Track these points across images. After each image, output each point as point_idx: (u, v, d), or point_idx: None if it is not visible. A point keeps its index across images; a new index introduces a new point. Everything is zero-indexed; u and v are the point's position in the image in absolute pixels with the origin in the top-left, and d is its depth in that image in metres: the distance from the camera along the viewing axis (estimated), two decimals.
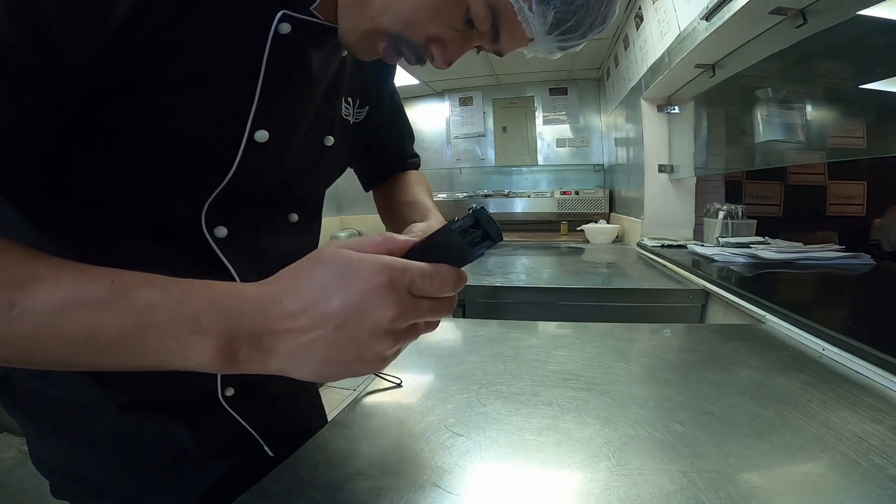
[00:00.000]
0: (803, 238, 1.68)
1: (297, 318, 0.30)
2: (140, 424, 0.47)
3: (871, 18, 1.00)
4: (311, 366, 0.31)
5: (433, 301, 0.33)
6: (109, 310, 0.29)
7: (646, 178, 2.15)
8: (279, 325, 0.31)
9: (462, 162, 3.69)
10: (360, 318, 0.31)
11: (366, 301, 0.30)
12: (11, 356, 0.29)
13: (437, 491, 0.40)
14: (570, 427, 0.51)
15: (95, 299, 0.29)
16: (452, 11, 0.41)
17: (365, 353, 0.32)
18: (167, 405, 0.48)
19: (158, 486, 0.48)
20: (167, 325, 0.30)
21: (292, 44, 0.44)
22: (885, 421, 0.51)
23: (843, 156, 1.42)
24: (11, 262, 0.29)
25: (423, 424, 0.53)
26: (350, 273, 0.31)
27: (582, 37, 0.43)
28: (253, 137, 0.44)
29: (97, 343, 0.29)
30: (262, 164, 0.46)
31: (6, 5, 0.30)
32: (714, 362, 0.71)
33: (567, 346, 0.78)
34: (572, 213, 3.17)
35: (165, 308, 0.30)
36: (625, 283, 1.43)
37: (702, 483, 0.40)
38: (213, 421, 0.50)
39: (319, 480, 0.42)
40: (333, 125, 0.55)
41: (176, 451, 0.48)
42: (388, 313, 0.31)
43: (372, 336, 0.31)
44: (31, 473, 0.50)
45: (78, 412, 0.47)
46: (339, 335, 0.31)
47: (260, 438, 0.53)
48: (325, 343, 0.31)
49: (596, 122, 3.38)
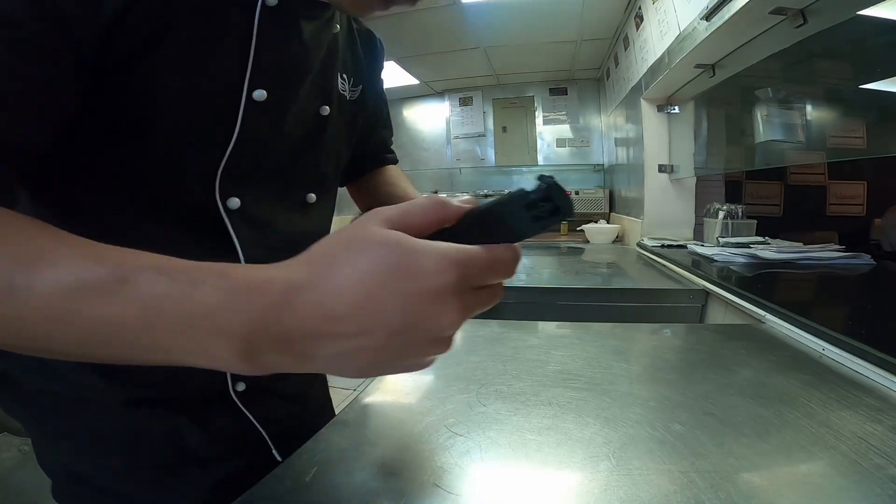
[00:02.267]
0: (803, 238, 1.68)
1: (342, 322, 0.25)
2: (145, 422, 0.46)
3: (871, 18, 1.00)
4: (355, 368, 0.28)
5: (491, 290, 0.29)
6: (116, 298, 0.25)
7: (646, 178, 2.15)
8: (318, 327, 0.26)
9: (462, 162, 3.69)
10: (420, 325, 0.26)
11: (428, 306, 0.26)
12: (13, 341, 0.27)
13: (437, 491, 0.40)
14: (570, 427, 0.51)
15: (100, 285, 0.25)
16: None
17: (420, 360, 0.29)
18: (174, 401, 0.47)
19: (162, 487, 0.47)
20: (178, 320, 0.25)
21: (282, 14, 0.45)
22: (885, 421, 0.51)
23: (843, 156, 1.42)
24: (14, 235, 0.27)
25: (423, 424, 0.53)
26: (408, 269, 0.25)
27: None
28: (251, 96, 0.44)
29: (103, 334, 0.26)
30: (264, 125, 0.46)
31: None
32: (714, 362, 0.71)
33: (567, 346, 0.78)
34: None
35: (175, 299, 0.25)
36: (625, 283, 1.43)
37: (702, 483, 0.40)
38: (222, 418, 0.49)
39: (319, 480, 0.42)
40: (330, 97, 0.56)
41: (181, 450, 0.47)
42: (453, 319, 0.27)
43: (431, 343, 0.28)
44: (31, 473, 0.50)
45: (81, 409, 0.46)
46: (392, 342, 0.26)
47: (269, 439, 0.52)
48: (375, 349, 0.26)
49: (596, 122, 3.38)
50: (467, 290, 0.27)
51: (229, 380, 0.49)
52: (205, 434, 0.48)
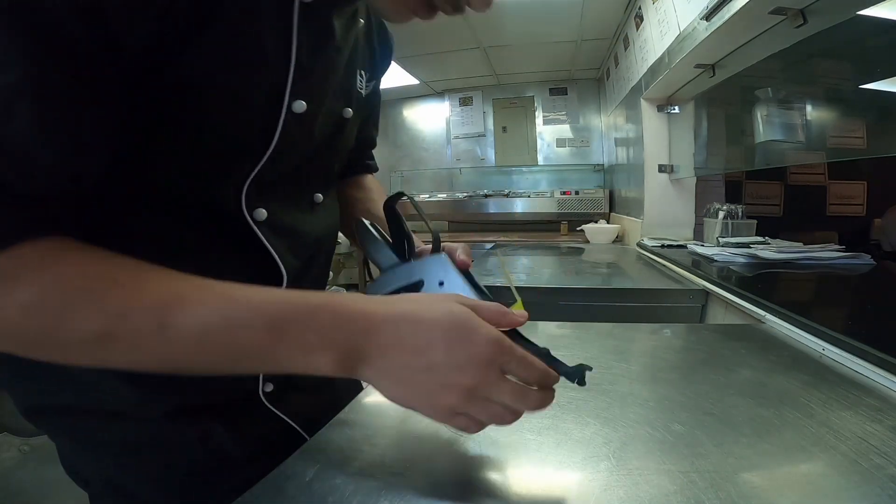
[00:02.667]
0: (803, 238, 1.68)
1: (404, 349, 0.34)
2: (179, 429, 0.47)
3: (871, 18, 1.00)
4: (388, 385, 0.36)
5: (518, 388, 0.36)
6: (250, 328, 0.32)
7: (646, 178, 2.15)
8: (387, 348, 0.34)
9: (462, 162, 3.69)
10: (446, 372, 0.34)
11: (461, 362, 0.34)
12: (164, 367, 0.33)
13: (437, 491, 0.40)
14: (570, 427, 0.51)
15: (238, 319, 0.32)
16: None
17: (435, 400, 0.35)
18: (207, 407, 0.48)
19: (198, 491, 0.48)
20: (297, 339, 0.33)
21: (317, 11, 0.43)
22: (885, 421, 0.51)
23: (843, 156, 1.42)
24: (154, 281, 0.32)
25: (423, 424, 0.53)
26: (465, 334, 0.34)
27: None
28: (291, 108, 0.43)
29: (236, 356, 0.33)
30: (298, 135, 0.45)
31: None
32: (714, 362, 0.71)
33: (567, 346, 0.78)
34: (572, 213, 3.17)
35: (297, 323, 0.33)
36: (625, 283, 1.43)
37: (702, 483, 0.40)
38: (253, 419, 0.51)
39: (319, 480, 0.42)
40: (352, 96, 0.55)
41: (216, 453, 0.48)
42: (473, 381, 0.34)
43: (446, 389, 0.34)
44: (31, 473, 0.50)
45: (115, 422, 0.47)
46: (423, 376, 0.34)
47: (300, 429, 0.53)
48: (410, 374, 0.35)
49: (596, 122, 3.38)
50: (494, 368, 0.35)
51: (260, 382, 0.51)
52: (237, 436, 0.49)
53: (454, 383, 0.34)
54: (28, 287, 0.29)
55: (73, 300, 0.29)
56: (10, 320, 0.29)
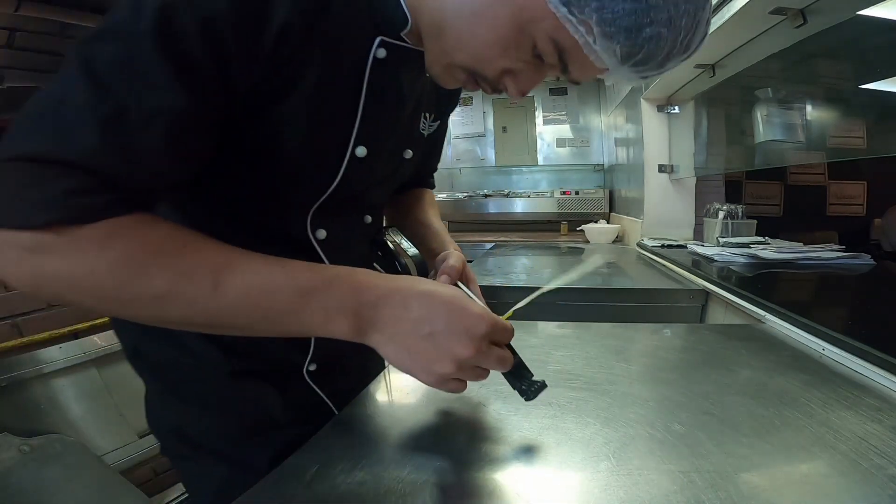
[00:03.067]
0: (803, 238, 1.68)
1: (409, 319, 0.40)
2: (242, 390, 0.56)
3: (871, 18, 1.00)
4: (393, 349, 0.41)
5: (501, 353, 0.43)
6: (283, 293, 0.38)
7: (646, 178, 2.15)
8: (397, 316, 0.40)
9: (462, 162, 3.69)
10: (446, 342, 0.40)
11: (460, 334, 0.40)
12: (212, 323, 0.38)
13: (437, 491, 0.40)
14: (570, 427, 0.51)
15: (274, 284, 0.38)
16: (520, 47, 0.42)
17: (432, 365, 0.40)
18: (264, 374, 0.57)
19: (250, 445, 0.56)
20: (319, 305, 0.39)
21: (387, 67, 0.48)
22: (885, 421, 0.51)
23: (843, 156, 1.42)
24: (211, 250, 0.37)
25: (423, 424, 0.53)
26: (463, 309, 0.41)
27: (659, 67, 0.41)
28: (354, 153, 0.50)
29: (271, 315, 0.38)
30: (358, 176, 0.52)
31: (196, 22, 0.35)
32: (714, 362, 0.71)
33: (567, 346, 0.78)
34: (572, 213, 3.16)
35: (319, 292, 0.39)
36: (625, 283, 1.43)
37: (702, 483, 0.40)
38: (297, 391, 0.59)
39: (320, 479, 0.42)
40: (413, 139, 0.61)
41: (265, 415, 0.57)
42: (467, 352, 0.40)
43: (444, 357, 0.40)
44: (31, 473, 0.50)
45: (195, 376, 0.56)
46: (424, 343, 0.40)
47: (334, 407, 0.62)
48: (413, 340, 0.40)
49: (596, 122, 3.37)
50: (486, 342, 0.41)
51: (306, 361, 0.59)
52: (284, 401, 0.58)
53: (452, 352, 0.40)
54: (117, 248, 0.34)
55: (148, 261, 0.35)
56: (97, 275, 0.34)
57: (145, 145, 0.35)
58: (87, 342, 1.64)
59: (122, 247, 0.34)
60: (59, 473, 1.33)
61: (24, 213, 0.32)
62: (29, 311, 1.55)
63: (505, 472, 0.43)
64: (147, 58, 0.34)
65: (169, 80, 0.35)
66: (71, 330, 1.62)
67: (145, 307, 0.36)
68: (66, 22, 1.66)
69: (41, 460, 1.31)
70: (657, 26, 0.37)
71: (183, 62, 0.35)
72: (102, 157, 0.33)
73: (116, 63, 0.34)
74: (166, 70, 0.34)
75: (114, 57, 0.34)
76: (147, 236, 0.35)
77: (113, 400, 1.65)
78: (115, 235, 0.34)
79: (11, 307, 1.51)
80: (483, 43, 0.42)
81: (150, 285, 0.34)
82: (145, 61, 0.34)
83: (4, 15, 1.53)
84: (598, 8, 0.36)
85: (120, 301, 0.35)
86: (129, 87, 0.34)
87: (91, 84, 0.33)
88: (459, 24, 0.42)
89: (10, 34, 1.54)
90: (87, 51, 0.34)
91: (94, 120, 0.33)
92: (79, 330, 1.64)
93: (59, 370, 1.55)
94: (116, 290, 0.34)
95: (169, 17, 0.34)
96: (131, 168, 0.35)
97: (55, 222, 0.32)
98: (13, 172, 0.32)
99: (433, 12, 0.44)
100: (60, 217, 0.32)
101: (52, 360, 1.54)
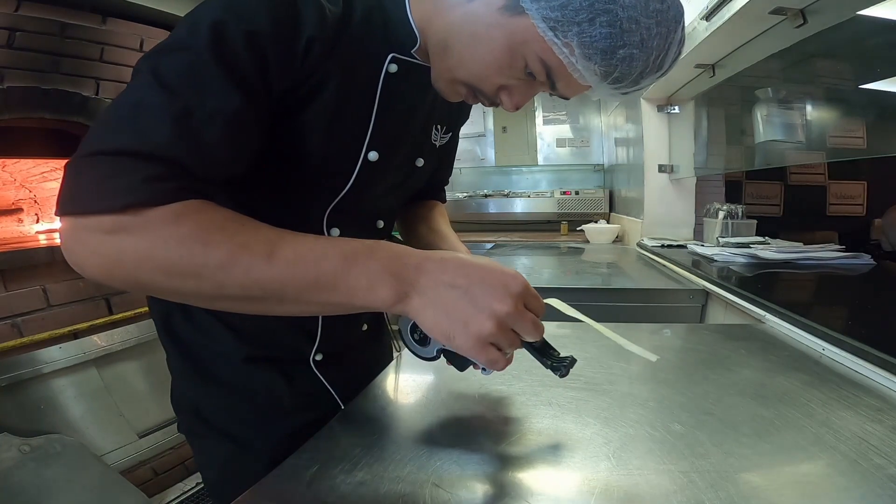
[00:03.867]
0: (803, 238, 1.68)
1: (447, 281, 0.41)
2: (253, 375, 0.60)
3: (871, 18, 1.00)
4: (432, 313, 0.41)
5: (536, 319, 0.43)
6: (329, 259, 0.40)
7: (646, 178, 2.15)
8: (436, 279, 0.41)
9: (462, 162, 3.68)
10: (483, 297, 0.40)
11: (497, 289, 0.41)
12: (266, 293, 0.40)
13: (436, 491, 0.40)
14: (570, 427, 0.51)
15: (322, 251, 0.40)
16: (513, 66, 0.47)
17: (472, 326, 0.40)
18: (274, 361, 0.61)
19: (255, 427, 0.61)
20: (363, 268, 0.40)
21: (398, 80, 0.54)
22: (885, 421, 0.51)
23: (843, 156, 1.42)
24: (266, 228, 0.41)
25: (423, 424, 0.53)
26: (499, 271, 0.42)
27: (634, 84, 0.46)
28: (367, 157, 0.54)
29: (320, 281, 0.40)
30: (370, 179, 0.57)
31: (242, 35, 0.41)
32: (714, 362, 0.71)
33: (567, 346, 0.78)
34: (572, 213, 3.16)
35: (362, 256, 0.41)
36: (625, 283, 1.43)
37: (702, 483, 0.40)
38: (303, 380, 0.63)
39: (320, 479, 0.42)
40: (424, 149, 0.66)
41: (274, 401, 0.61)
42: (505, 308, 0.40)
43: (482, 313, 0.40)
44: (31, 473, 0.50)
45: (214, 359, 0.60)
46: (462, 301, 0.40)
47: (338, 397, 0.65)
48: (452, 301, 0.40)
49: (596, 122, 3.37)
50: (520, 302, 0.41)
51: (313, 351, 0.63)
52: (291, 390, 0.62)
53: (490, 308, 0.40)
54: (187, 224, 0.38)
55: (212, 235, 0.39)
56: (169, 247, 0.37)
57: (209, 139, 0.40)
58: (87, 342, 1.64)
59: (190, 223, 0.38)
60: (59, 473, 1.33)
61: (106, 199, 0.36)
62: (29, 311, 1.55)
63: (505, 472, 0.43)
64: (205, 66, 0.40)
65: (224, 84, 0.40)
66: (71, 330, 1.61)
67: (209, 277, 0.38)
68: (66, 22, 1.66)
69: (41, 460, 1.31)
70: (630, 48, 0.42)
71: (234, 68, 0.41)
72: (175, 149, 0.38)
73: (182, 71, 0.40)
74: (221, 75, 0.40)
75: (179, 66, 0.40)
76: (211, 216, 0.40)
77: (113, 400, 1.65)
78: (184, 215, 0.38)
79: (11, 307, 1.51)
80: (481, 62, 0.48)
81: (215, 255, 0.38)
82: (204, 69, 0.40)
83: (4, 15, 1.53)
84: (578, 32, 0.42)
85: (188, 272, 0.38)
86: (194, 91, 0.40)
87: (162, 89, 0.39)
88: (461, 44, 0.48)
89: (10, 34, 1.54)
90: (155, 62, 0.40)
91: (167, 118, 0.38)
92: (79, 330, 1.64)
93: (59, 370, 1.55)
94: (185, 260, 0.38)
95: (220, 31, 0.40)
96: (198, 158, 0.40)
97: (134, 205, 0.36)
98: (97, 165, 0.37)
99: (439, 33, 0.50)
100: (139, 199, 0.36)
101: (52, 360, 1.54)
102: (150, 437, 1.70)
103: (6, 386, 1.43)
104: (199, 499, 1.74)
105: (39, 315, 1.57)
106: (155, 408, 1.73)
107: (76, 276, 1.65)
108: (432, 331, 0.42)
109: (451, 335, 0.41)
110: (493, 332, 0.40)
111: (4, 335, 1.48)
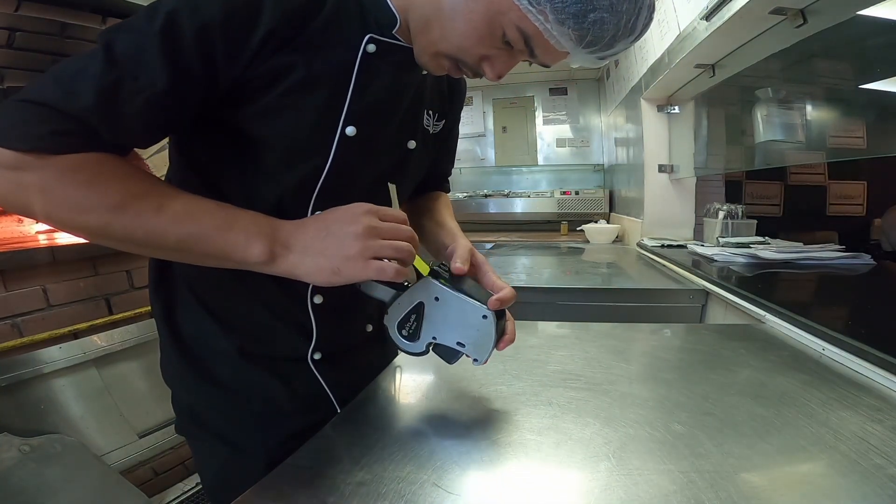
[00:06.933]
0: (803, 238, 1.68)
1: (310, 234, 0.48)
2: (250, 375, 0.60)
3: (871, 18, 1.00)
4: (309, 262, 0.48)
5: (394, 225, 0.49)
6: (213, 215, 0.47)
7: (646, 178, 2.15)
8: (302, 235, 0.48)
9: (462, 162, 3.68)
10: (340, 227, 0.48)
11: (347, 218, 0.48)
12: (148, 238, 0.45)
13: (437, 491, 0.40)
14: (570, 427, 0.51)
15: (207, 209, 0.47)
16: (492, 36, 0.50)
17: (345, 251, 0.47)
18: (272, 360, 0.61)
19: (252, 431, 0.61)
20: (242, 226, 0.47)
21: (378, 59, 0.55)
22: (885, 421, 0.51)
23: (843, 156, 1.42)
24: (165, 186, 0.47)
25: (423, 424, 0.53)
26: (346, 208, 0.49)
27: (609, 47, 0.48)
28: (345, 132, 0.55)
29: (200, 232, 0.46)
30: (353, 156, 0.57)
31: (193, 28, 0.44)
32: (714, 362, 0.71)
33: (567, 346, 0.78)
34: (572, 213, 3.16)
35: (243, 217, 0.48)
36: (625, 283, 1.43)
37: (702, 483, 0.40)
38: (301, 381, 0.63)
39: (320, 479, 0.42)
40: (416, 132, 0.66)
41: (271, 403, 0.61)
42: (360, 226, 0.47)
43: (346, 239, 0.47)
44: (31, 473, 0.50)
45: (212, 358, 0.60)
46: (326, 241, 0.47)
47: (335, 400, 0.64)
48: (319, 244, 0.48)
49: (596, 122, 3.38)
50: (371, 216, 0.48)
51: (311, 347, 0.62)
52: (288, 391, 0.61)
53: (349, 233, 0.47)
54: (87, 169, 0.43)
55: (110, 180, 0.44)
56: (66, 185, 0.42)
57: (127, 110, 0.44)
58: (87, 342, 1.64)
59: (88, 171, 0.43)
60: (59, 473, 1.32)
61: (12, 139, 0.41)
62: (29, 311, 1.55)
63: (505, 472, 0.43)
64: (150, 48, 0.43)
65: (160, 67, 0.44)
66: (71, 330, 1.61)
67: (101, 216, 0.43)
68: (66, 22, 1.66)
69: (41, 460, 1.31)
70: (600, 12, 0.44)
71: (175, 57, 0.44)
72: (91, 114, 0.42)
73: (128, 49, 0.43)
74: (161, 58, 0.43)
75: (128, 44, 0.43)
76: (111, 167, 0.44)
77: (113, 400, 1.65)
78: (86, 161, 0.43)
79: (11, 307, 1.51)
80: (462, 34, 0.50)
81: (109, 196, 0.43)
82: (148, 50, 0.43)
83: (4, 15, 1.53)
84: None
85: (81, 207, 0.43)
86: (131, 67, 0.43)
87: (105, 62, 0.42)
88: (442, 19, 0.50)
89: (10, 34, 1.54)
90: (113, 37, 0.44)
91: (96, 87, 0.42)
92: (79, 330, 1.63)
93: (59, 370, 1.55)
94: (80, 198, 0.43)
95: (174, 20, 0.44)
96: (110, 125, 0.44)
97: (37, 149, 0.41)
98: (21, 109, 0.42)
99: (420, 9, 0.52)
100: (41, 146, 0.41)
101: (52, 360, 1.53)
102: (150, 437, 1.70)
103: (6, 386, 1.43)
104: (199, 499, 1.74)
105: (39, 315, 1.57)
106: (155, 408, 1.73)
107: (76, 276, 1.66)
108: (316, 277, 0.47)
109: (335, 270, 0.47)
110: (362, 247, 0.46)
111: (4, 335, 1.48)
